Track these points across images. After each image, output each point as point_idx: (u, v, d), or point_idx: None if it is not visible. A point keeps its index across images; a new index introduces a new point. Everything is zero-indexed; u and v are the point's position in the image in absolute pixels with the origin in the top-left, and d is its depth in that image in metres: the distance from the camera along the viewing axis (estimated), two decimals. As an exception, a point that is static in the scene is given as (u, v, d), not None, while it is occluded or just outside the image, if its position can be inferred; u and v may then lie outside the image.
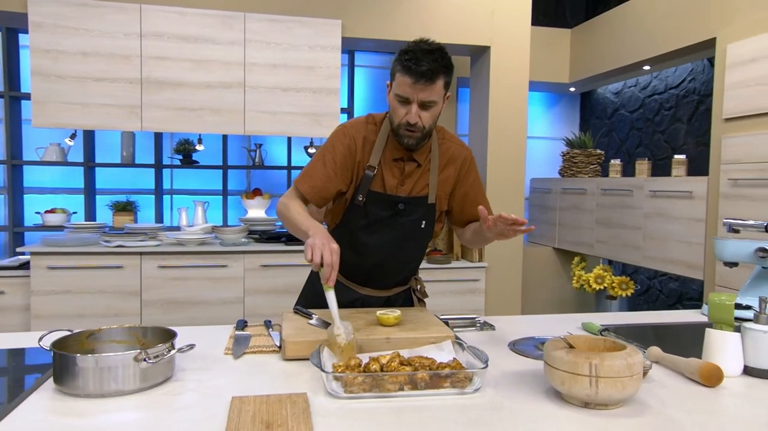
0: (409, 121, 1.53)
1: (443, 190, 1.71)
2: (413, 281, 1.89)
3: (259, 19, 3.34)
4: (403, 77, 1.50)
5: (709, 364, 1.20)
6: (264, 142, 4.18)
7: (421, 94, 1.50)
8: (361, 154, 1.65)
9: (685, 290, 4.21)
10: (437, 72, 1.49)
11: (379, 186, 1.65)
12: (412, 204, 1.67)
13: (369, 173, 1.63)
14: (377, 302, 1.78)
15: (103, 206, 4.02)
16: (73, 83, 3.16)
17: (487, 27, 3.69)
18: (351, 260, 1.70)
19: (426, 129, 1.57)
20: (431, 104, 1.54)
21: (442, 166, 1.70)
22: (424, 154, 1.68)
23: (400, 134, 1.58)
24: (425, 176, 1.68)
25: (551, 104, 5.32)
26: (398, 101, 1.55)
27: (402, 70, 1.50)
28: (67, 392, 1.13)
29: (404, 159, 1.65)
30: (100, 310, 3.14)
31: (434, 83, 1.50)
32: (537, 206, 4.88)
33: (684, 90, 4.15)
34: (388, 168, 1.65)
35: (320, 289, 1.83)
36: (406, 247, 1.73)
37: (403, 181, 1.66)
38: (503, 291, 3.83)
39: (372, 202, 1.65)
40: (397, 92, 1.53)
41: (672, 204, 3.44)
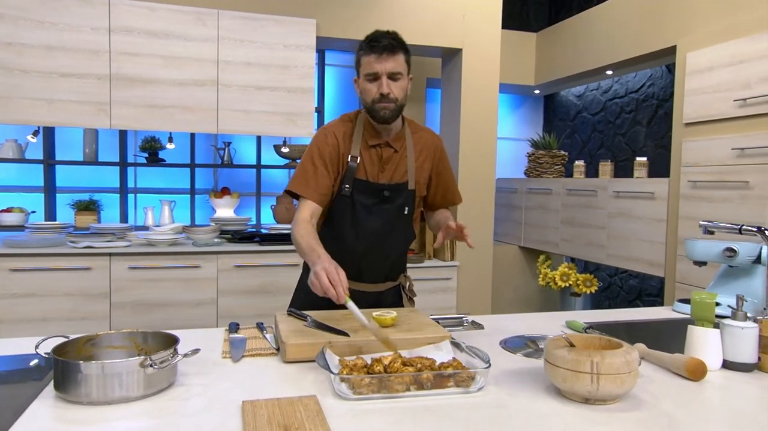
0: (381, 92, 1.64)
1: (421, 176, 1.82)
2: (402, 278, 1.93)
3: (233, 16, 3.30)
4: (368, 57, 1.65)
5: (694, 359, 1.27)
6: (233, 140, 4.12)
7: (387, 64, 1.63)
8: (344, 147, 1.75)
9: (644, 286, 4.39)
10: (397, 46, 1.65)
11: (363, 174, 1.75)
12: (395, 191, 1.76)
13: (352, 163, 1.73)
14: (368, 299, 1.82)
15: (63, 205, 3.89)
16: (37, 78, 3.05)
17: (459, 29, 3.75)
18: (340, 253, 1.74)
19: (398, 101, 1.68)
20: (398, 75, 1.66)
21: (417, 153, 1.81)
22: (400, 141, 1.78)
23: (376, 108, 1.67)
24: (403, 163, 1.78)
25: (516, 106, 5.45)
26: (368, 81, 1.67)
27: (366, 51, 1.66)
28: (70, 399, 1.10)
29: (381, 146, 1.76)
30: (66, 313, 3.04)
31: (396, 55, 1.65)
32: (503, 206, 4.99)
33: (644, 95, 4.32)
34: (367, 155, 1.75)
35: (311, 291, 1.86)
36: (392, 234, 1.80)
37: (383, 167, 1.76)
38: (474, 289, 3.91)
39: (358, 190, 1.74)
40: (366, 72, 1.66)
41: (635, 204, 3.59)
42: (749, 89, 2.84)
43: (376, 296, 1.84)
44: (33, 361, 1.36)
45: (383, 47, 1.62)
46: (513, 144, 5.41)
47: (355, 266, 1.78)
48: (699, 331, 1.35)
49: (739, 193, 2.86)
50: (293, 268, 3.31)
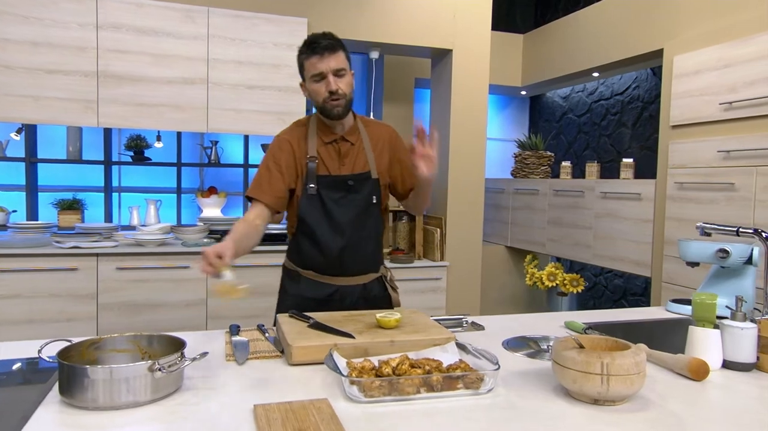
0: (330, 89, 1.70)
1: (381, 165, 1.87)
2: (384, 269, 1.97)
3: (224, 14, 3.26)
4: (310, 59, 1.71)
5: (697, 360, 1.30)
6: (220, 139, 4.08)
7: (331, 63, 1.69)
8: (300, 151, 1.80)
9: (629, 286, 4.46)
10: (336, 45, 1.72)
11: (324, 170, 1.80)
12: (359, 180, 1.81)
13: (311, 163, 1.78)
14: (354, 292, 1.86)
15: (45, 204, 3.81)
16: (22, 75, 2.98)
17: (449, 30, 3.76)
18: (318, 252, 1.81)
19: (347, 96, 1.74)
20: (342, 72, 1.72)
21: (374, 144, 1.87)
22: (355, 134, 1.85)
23: (327, 107, 1.73)
24: (362, 155, 1.84)
25: (502, 107, 5.49)
26: (315, 82, 1.72)
27: (307, 55, 1.71)
28: (77, 405, 1.08)
29: (337, 141, 1.82)
30: (52, 315, 2.98)
31: (337, 53, 1.71)
32: (490, 206, 5.02)
33: (629, 97, 4.38)
34: (325, 153, 1.81)
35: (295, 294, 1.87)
36: (365, 225, 1.84)
37: (343, 161, 1.81)
38: (463, 289, 3.92)
39: (323, 186, 1.79)
40: (312, 74, 1.71)
41: (621, 205, 3.64)
42: (735, 93, 2.89)
43: (362, 289, 1.87)
44: (16, 365, 1.33)
45: (324, 47, 1.68)
46: (499, 145, 5.45)
47: (336, 261, 1.82)
48: (700, 332, 1.37)
49: (725, 194, 2.92)
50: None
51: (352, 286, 1.86)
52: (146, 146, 3.86)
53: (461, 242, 3.89)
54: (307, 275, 1.86)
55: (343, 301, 1.85)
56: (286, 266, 1.95)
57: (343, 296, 1.85)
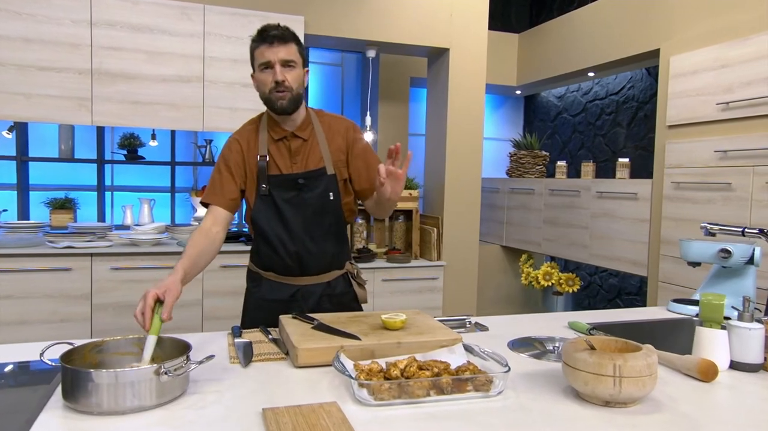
0: (276, 80, 1.64)
1: (338, 159, 1.80)
2: (349, 266, 1.92)
3: (220, 12, 3.23)
4: (260, 48, 1.65)
5: (706, 361, 1.29)
6: (214, 138, 4.04)
7: (280, 53, 1.63)
8: (249, 150, 1.75)
9: (623, 285, 4.47)
10: (287, 35, 1.65)
11: (275, 170, 1.75)
12: (311, 178, 1.75)
13: (262, 162, 1.73)
14: (317, 290, 1.81)
15: (36, 203, 3.75)
16: (14, 72, 2.93)
17: (446, 29, 3.75)
18: (274, 254, 1.77)
19: (294, 90, 1.67)
20: (291, 64, 1.66)
21: (329, 138, 1.80)
22: (307, 129, 1.78)
23: (272, 98, 1.67)
24: (315, 150, 1.77)
25: (497, 106, 5.49)
26: (262, 70, 1.66)
27: (257, 42, 1.65)
28: (81, 410, 1.06)
29: (287, 138, 1.75)
30: (45, 316, 2.94)
31: (288, 44, 1.64)
32: (485, 205, 5.02)
33: (624, 96, 4.40)
34: (276, 151, 1.75)
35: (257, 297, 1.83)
36: (322, 223, 1.78)
37: (294, 158, 1.76)
38: (459, 289, 3.92)
39: (274, 186, 1.74)
40: (260, 62, 1.65)
41: (618, 205, 3.65)
42: (732, 93, 2.91)
43: (324, 286, 1.83)
44: (8, 367, 1.30)
45: (274, 36, 1.63)
46: (494, 144, 5.45)
47: (293, 262, 1.77)
48: (707, 332, 1.37)
49: (722, 194, 2.93)
50: (280, 268, 3.27)
51: (314, 285, 1.81)
52: (140, 145, 3.82)
53: (458, 241, 3.88)
54: (268, 276, 1.83)
55: (306, 301, 1.80)
56: (249, 268, 1.91)
57: (306, 296, 1.80)
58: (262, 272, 1.84)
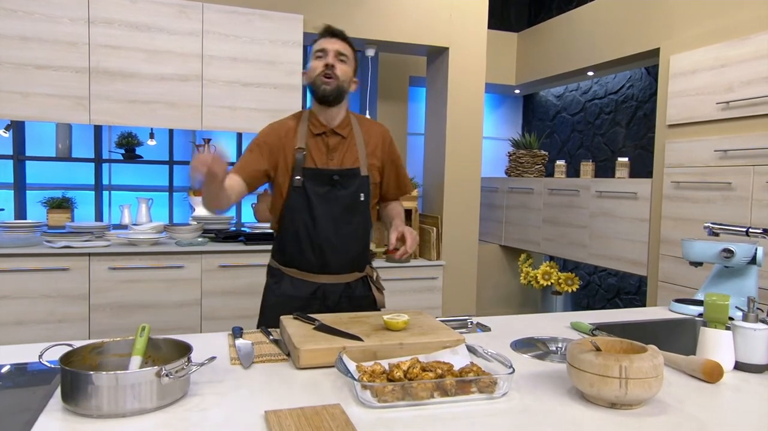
0: (327, 63, 1.73)
1: (372, 162, 1.85)
2: (369, 270, 1.94)
3: (218, 10, 3.21)
4: (320, 40, 1.77)
5: (711, 362, 1.28)
6: (213, 137, 4.02)
7: (336, 45, 1.75)
8: (288, 140, 1.79)
9: (623, 285, 4.47)
10: (346, 37, 1.79)
11: (311, 163, 1.78)
12: (346, 176, 1.79)
13: (299, 155, 1.77)
14: (337, 291, 1.83)
15: (33, 202, 3.73)
16: (11, 70, 2.91)
17: (445, 28, 3.74)
18: (300, 248, 1.79)
19: (340, 80, 1.74)
20: (344, 57, 1.76)
21: (366, 141, 1.85)
22: (346, 128, 1.83)
23: (318, 82, 1.74)
24: (353, 150, 1.82)
25: (496, 105, 5.48)
26: (316, 57, 1.76)
27: (319, 36, 1.79)
28: (80, 412, 1.04)
29: (326, 133, 1.80)
30: (42, 316, 2.92)
31: (346, 42, 1.78)
32: (484, 205, 5.01)
33: (623, 96, 4.39)
34: (314, 145, 1.79)
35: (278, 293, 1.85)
36: (350, 221, 1.81)
37: (331, 155, 1.79)
38: (459, 289, 3.91)
39: (308, 179, 1.76)
40: (316, 50, 1.77)
41: (617, 204, 3.64)
42: (732, 92, 2.90)
43: (344, 287, 1.84)
44: (5, 368, 1.28)
45: (334, 33, 1.77)
46: (493, 143, 5.44)
47: (317, 257, 1.80)
48: (712, 333, 1.36)
49: (722, 194, 2.92)
50: (279, 268, 3.25)
51: (335, 284, 1.83)
52: (137, 144, 3.80)
53: (457, 241, 3.87)
54: (290, 272, 1.84)
55: (326, 300, 1.82)
56: (270, 265, 1.93)
57: (326, 295, 1.82)
58: (283, 269, 1.85)
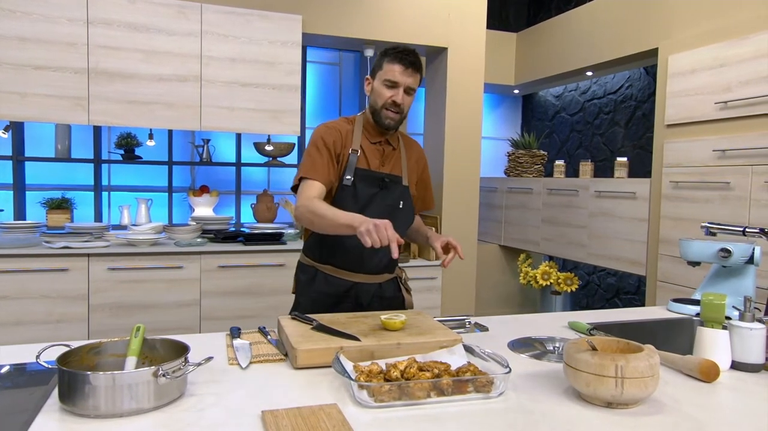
0: (395, 100, 1.75)
1: (412, 175, 1.94)
2: (398, 271, 2.00)
3: (217, 10, 3.21)
4: (393, 65, 1.74)
5: (707, 361, 1.28)
6: (212, 138, 4.03)
7: (408, 79, 1.75)
8: (345, 141, 1.84)
9: (622, 284, 4.47)
10: (419, 66, 1.79)
11: (364, 165, 1.83)
12: (392, 182, 1.86)
13: (353, 155, 1.81)
14: (369, 290, 1.87)
15: (33, 203, 3.73)
16: (9, 71, 2.91)
17: (444, 28, 3.74)
18: (342, 244, 1.82)
19: (404, 113, 1.81)
20: (412, 91, 1.79)
21: (408, 155, 1.95)
22: (396, 140, 1.92)
23: (383, 114, 1.78)
24: (399, 161, 1.90)
25: (495, 105, 5.48)
26: (386, 86, 1.76)
27: (392, 60, 1.75)
28: (78, 412, 1.04)
29: (382, 143, 1.87)
30: (41, 316, 2.92)
31: (417, 73, 1.78)
32: (483, 205, 5.02)
33: (622, 96, 4.39)
34: (369, 150, 1.85)
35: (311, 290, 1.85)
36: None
37: (383, 161, 1.86)
38: (458, 289, 3.91)
39: (359, 179, 1.81)
40: (387, 78, 1.75)
41: (616, 204, 3.64)
42: (730, 92, 2.90)
43: (377, 288, 1.88)
44: (4, 368, 1.28)
45: (411, 63, 1.74)
46: (492, 143, 5.44)
47: (356, 255, 1.82)
48: (709, 332, 1.36)
49: (720, 194, 2.93)
50: (279, 268, 3.26)
51: (368, 284, 1.87)
52: (137, 145, 3.80)
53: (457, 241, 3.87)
54: (325, 269, 1.86)
55: (359, 298, 1.86)
56: (302, 262, 1.95)
57: (359, 294, 1.86)
58: (318, 265, 1.88)
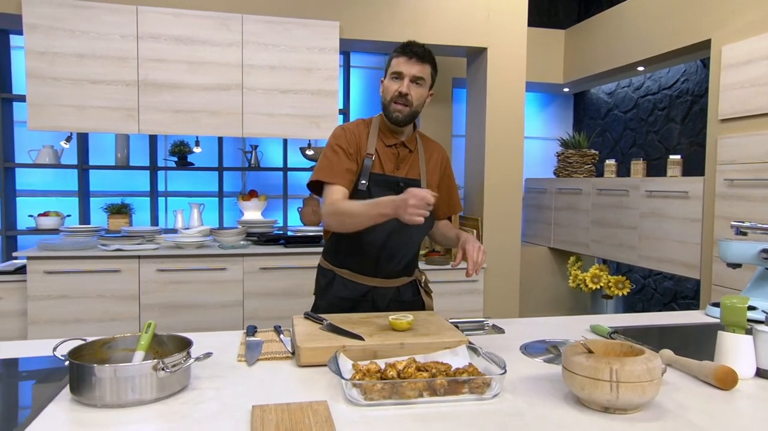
0: (401, 91, 1.72)
1: (432, 178, 1.89)
2: (418, 274, 1.96)
3: (257, 20, 3.32)
4: (398, 58, 1.74)
5: (724, 367, 1.21)
6: (260, 143, 4.16)
7: (413, 68, 1.72)
8: (360, 143, 1.81)
9: (679, 288, 4.25)
10: (427, 57, 1.74)
11: (379, 169, 1.80)
12: (409, 185, 1.77)
13: (368, 159, 1.79)
14: (387, 295, 1.84)
15: (97, 208, 3.98)
16: (68, 86, 3.13)
17: (483, 28, 3.70)
18: (359, 249, 1.80)
19: (413, 106, 1.75)
20: (420, 81, 1.74)
21: (428, 157, 1.89)
22: (413, 143, 1.86)
23: (391, 108, 1.75)
24: (416, 163, 1.85)
25: (545, 105, 5.35)
26: (392, 79, 1.75)
27: (398, 54, 1.75)
28: (85, 402, 1.11)
29: (397, 145, 1.82)
30: (98, 315, 3.11)
31: (424, 64, 1.73)
32: (532, 206, 4.91)
33: (677, 91, 4.19)
34: (384, 154, 1.81)
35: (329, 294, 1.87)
36: (408, 228, 1.78)
37: (399, 165, 1.82)
38: (501, 292, 3.84)
39: (374, 184, 1.78)
40: (393, 71, 1.74)
41: (668, 204, 3.47)
42: (788, 83, 2.71)
43: (395, 292, 1.86)
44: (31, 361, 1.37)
45: (414, 53, 1.71)
46: (542, 143, 5.31)
47: (372, 260, 1.81)
48: (729, 337, 1.28)
49: (779, 191, 2.74)
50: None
51: (386, 288, 1.84)
52: (189, 152, 3.98)
53: (499, 243, 3.81)
54: (342, 274, 1.86)
55: (376, 302, 1.84)
56: (321, 265, 1.96)
57: (375, 298, 1.84)
58: (336, 269, 1.88)
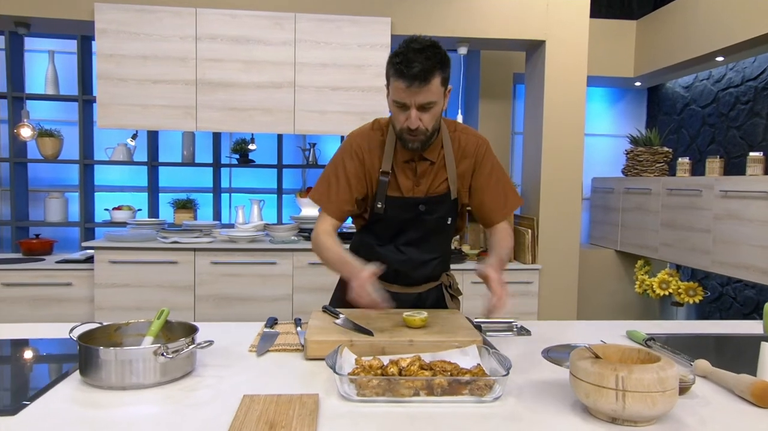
0: (409, 126, 1.50)
1: (463, 183, 1.69)
2: (445, 278, 1.83)
3: (309, 18, 3.36)
4: (397, 82, 1.46)
5: (762, 382, 1.08)
6: (318, 141, 4.22)
7: (418, 97, 1.46)
8: (370, 161, 1.64)
9: (762, 298, 3.89)
10: (430, 71, 1.44)
11: (396, 190, 1.65)
12: (432, 203, 1.66)
13: (383, 178, 1.63)
14: (408, 300, 1.75)
15: (165, 203, 4.19)
16: (134, 86, 3.30)
17: (542, 20, 3.55)
18: (378, 256, 1.70)
19: (429, 131, 1.54)
20: (429, 105, 1.49)
21: (458, 159, 1.67)
22: (436, 151, 1.65)
23: (404, 138, 1.56)
24: (442, 173, 1.66)
25: (615, 100, 5.08)
26: (396, 107, 1.52)
27: (395, 74, 1.47)
28: (91, 383, 1.16)
29: (415, 160, 1.64)
30: (156, 303, 3.26)
31: (429, 83, 1.45)
32: (599, 207, 4.67)
33: (763, 82, 3.84)
34: (400, 171, 1.64)
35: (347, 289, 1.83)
36: (432, 242, 1.72)
37: (418, 181, 1.65)
38: (558, 294, 3.68)
39: (392, 207, 1.65)
40: (394, 98, 1.51)
41: (746, 205, 3.19)
42: None
43: (416, 297, 1.77)
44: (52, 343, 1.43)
45: (414, 76, 1.42)
46: (611, 141, 5.04)
47: (392, 273, 1.69)
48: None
49: None
50: (366, 267, 3.31)
51: (406, 294, 1.76)
52: (250, 149, 4.10)
53: (556, 244, 3.65)
54: None
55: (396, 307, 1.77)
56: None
57: (396, 302, 1.71)
58: None
